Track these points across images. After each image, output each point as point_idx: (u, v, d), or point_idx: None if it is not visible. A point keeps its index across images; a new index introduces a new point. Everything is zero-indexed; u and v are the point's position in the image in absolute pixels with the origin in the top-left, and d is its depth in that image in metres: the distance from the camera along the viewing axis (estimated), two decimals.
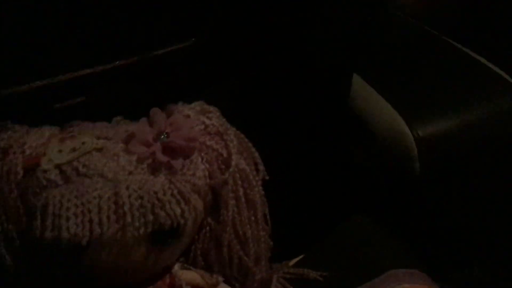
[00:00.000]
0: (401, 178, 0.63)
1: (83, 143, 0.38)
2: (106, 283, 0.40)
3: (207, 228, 0.46)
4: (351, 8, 0.59)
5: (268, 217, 0.48)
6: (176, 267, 0.45)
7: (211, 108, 0.43)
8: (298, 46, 0.54)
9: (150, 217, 0.38)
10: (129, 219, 0.37)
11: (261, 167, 0.47)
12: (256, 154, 0.47)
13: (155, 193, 0.38)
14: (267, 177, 0.47)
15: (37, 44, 0.39)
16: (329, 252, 0.50)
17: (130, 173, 0.38)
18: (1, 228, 0.39)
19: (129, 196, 0.38)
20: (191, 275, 0.46)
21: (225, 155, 0.43)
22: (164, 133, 0.40)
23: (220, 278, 0.47)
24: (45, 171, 0.38)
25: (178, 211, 0.39)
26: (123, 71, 0.41)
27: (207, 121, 0.42)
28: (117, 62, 0.40)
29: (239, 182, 0.44)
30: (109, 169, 0.38)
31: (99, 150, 0.39)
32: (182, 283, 0.44)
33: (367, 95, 0.67)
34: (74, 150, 0.38)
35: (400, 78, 0.70)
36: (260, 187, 0.46)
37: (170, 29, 0.42)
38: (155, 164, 0.39)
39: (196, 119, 0.42)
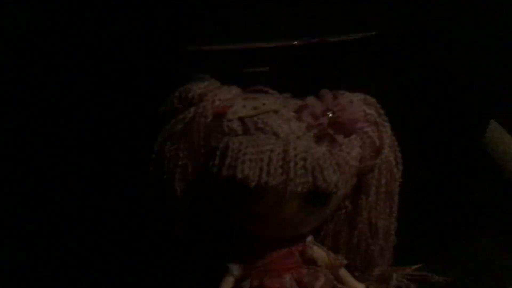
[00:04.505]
0: None
1: (263, 104, 0.47)
2: (258, 233, 0.47)
3: (343, 210, 0.52)
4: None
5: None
6: (310, 238, 0.51)
7: (372, 100, 0.50)
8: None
9: (310, 178, 0.45)
10: (292, 175, 0.45)
11: (400, 166, 0.53)
12: (399, 154, 0.53)
13: (317, 158, 0.46)
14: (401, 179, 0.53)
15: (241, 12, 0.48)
16: (449, 265, 0.54)
17: (299, 137, 0.46)
18: (181, 163, 0.47)
19: (296, 156, 0.45)
20: (320, 251, 0.52)
21: (377, 144, 0.50)
22: (331, 111, 0.47)
23: (344, 261, 0.53)
24: (229, 120, 0.46)
25: (334, 179, 0.46)
26: (301, 50, 0.50)
27: (368, 110, 0.50)
28: (297, 42, 0.49)
29: (384, 173, 0.51)
30: (282, 130, 0.46)
31: (276, 112, 0.47)
32: (314, 255, 0.51)
33: (502, 139, 0.71)
34: (255, 108, 0.47)
35: None
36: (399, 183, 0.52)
37: (353, 19, 0.50)
38: (320, 134, 0.47)
39: (358, 106, 0.49)
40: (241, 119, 0.46)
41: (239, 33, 0.51)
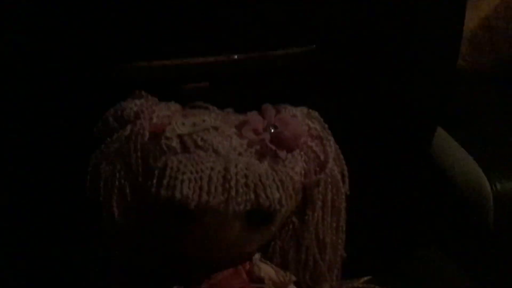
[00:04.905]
0: (474, 228, 0.67)
1: (203, 120, 0.45)
2: (202, 256, 0.45)
3: (290, 226, 0.51)
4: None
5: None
6: (257, 256, 0.50)
7: (316, 114, 0.49)
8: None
9: (252, 196, 0.44)
10: (233, 193, 0.44)
11: (346, 180, 0.52)
12: (345, 167, 0.52)
13: (259, 175, 0.45)
14: (348, 192, 0.52)
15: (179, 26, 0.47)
16: (397, 277, 0.54)
17: (240, 154, 0.45)
18: (118, 183, 0.45)
19: (237, 174, 0.44)
20: (268, 269, 0.51)
21: (322, 158, 0.49)
22: (273, 126, 0.46)
23: (293, 278, 0.52)
24: (167, 138, 0.45)
25: (277, 196, 0.45)
26: (242, 65, 0.49)
27: (311, 124, 0.49)
28: (237, 56, 0.48)
29: (329, 187, 0.50)
30: (222, 147, 0.45)
31: (216, 129, 0.45)
32: (261, 274, 0.49)
33: (449, 146, 0.72)
34: (195, 125, 0.45)
35: (483, 131, 0.75)
36: (345, 197, 0.52)
37: (294, 33, 0.49)
38: (262, 150, 0.46)
39: (301, 120, 0.48)
40: (180, 137, 0.45)
41: (178, 47, 0.50)
